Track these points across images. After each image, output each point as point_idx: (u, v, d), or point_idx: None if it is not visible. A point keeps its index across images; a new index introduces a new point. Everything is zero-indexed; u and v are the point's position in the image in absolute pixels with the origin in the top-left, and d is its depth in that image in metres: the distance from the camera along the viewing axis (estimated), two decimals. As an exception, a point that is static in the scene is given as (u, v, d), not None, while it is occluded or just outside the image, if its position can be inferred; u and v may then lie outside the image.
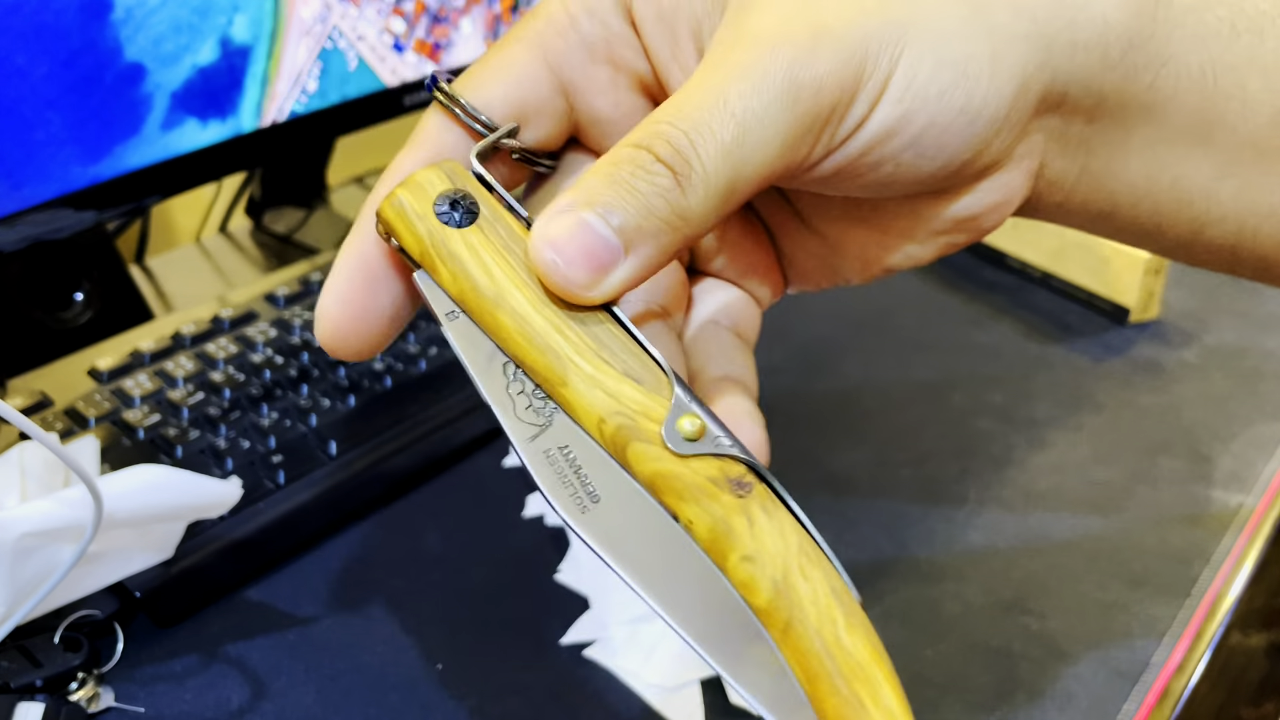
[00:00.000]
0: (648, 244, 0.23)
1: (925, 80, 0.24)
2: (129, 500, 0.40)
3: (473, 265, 0.24)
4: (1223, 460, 0.54)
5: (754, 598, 0.23)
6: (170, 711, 0.42)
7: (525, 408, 0.24)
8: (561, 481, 0.24)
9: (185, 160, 0.57)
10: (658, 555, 0.23)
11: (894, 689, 0.23)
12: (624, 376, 0.24)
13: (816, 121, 0.24)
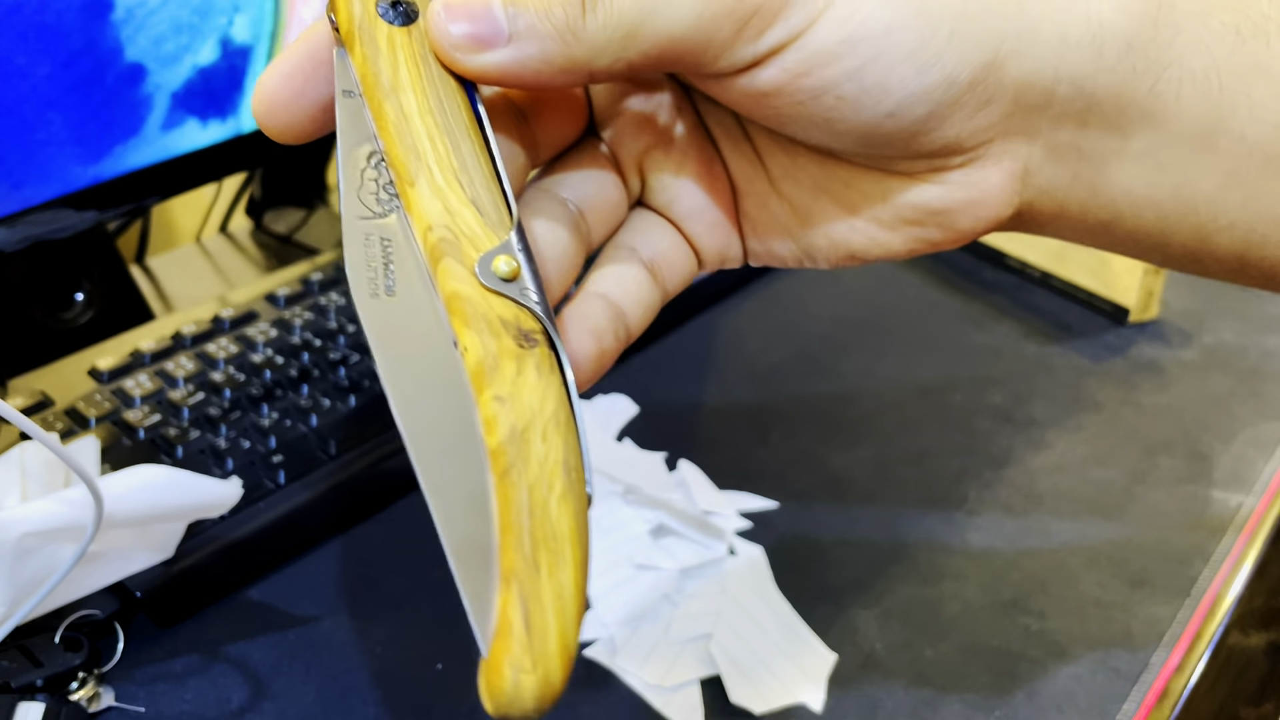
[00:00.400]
0: (531, 44, 0.24)
1: (875, 10, 0.24)
2: (129, 500, 0.40)
3: (384, 58, 0.25)
4: (1222, 460, 0.54)
5: (489, 436, 0.22)
6: (170, 711, 0.42)
7: (370, 193, 0.25)
8: (368, 264, 0.25)
9: (185, 160, 0.57)
10: (421, 365, 0.24)
11: (576, 569, 0.22)
12: (470, 202, 0.25)
13: (740, 6, 0.24)
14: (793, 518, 0.51)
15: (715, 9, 0.24)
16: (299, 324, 0.59)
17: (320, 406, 0.53)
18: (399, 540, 0.50)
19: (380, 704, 0.42)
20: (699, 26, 0.24)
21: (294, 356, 0.56)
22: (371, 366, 0.56)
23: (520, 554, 0.21)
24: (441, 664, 0.44)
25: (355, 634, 0.45)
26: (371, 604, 0.47)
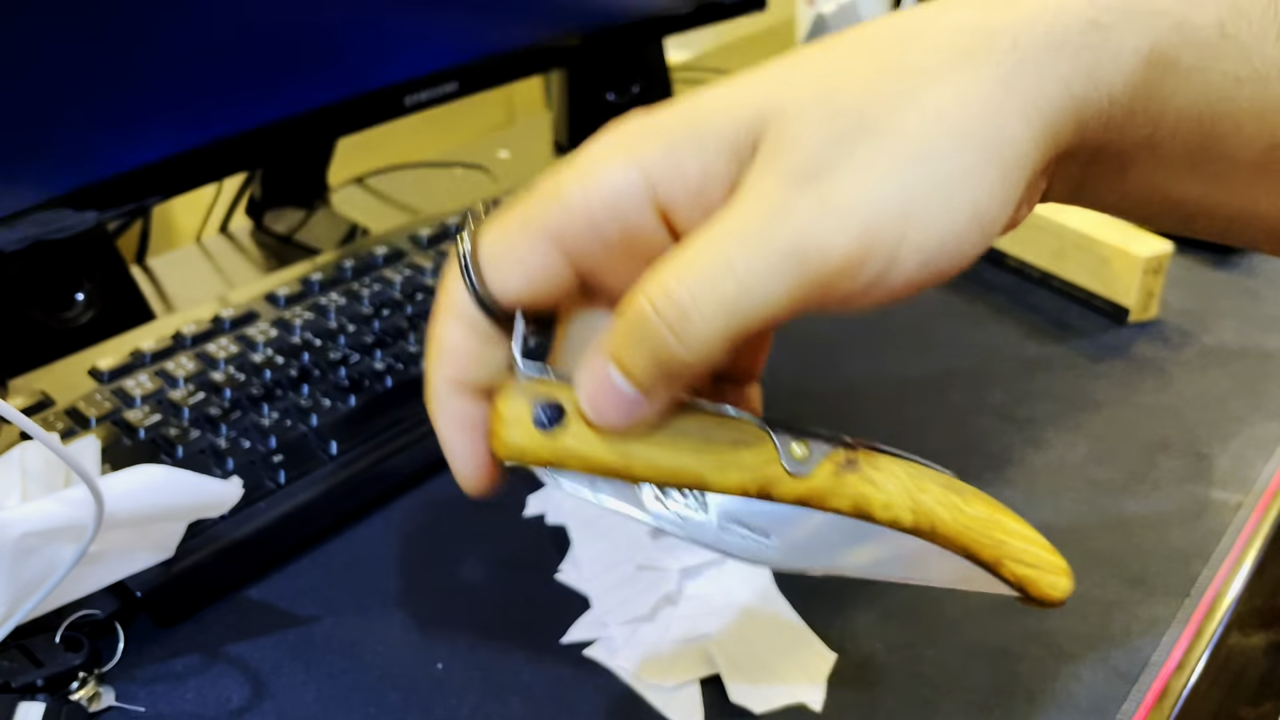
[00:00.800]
0: (660, 387, 0.27)
1: (941, 232, 0.25)
2: (130, 500, 0.40)
3: (594, 448, 0.29)
4: (1221, 460, 0.54)
5: (903, 525, 0.29)
6: (171, 711, 0.42)
7: (685, 507, 0.30)
8: (743, 541, 0.30)
9: (186, 160, 0.57)
10: (824, 540, 0.30)
11: (1015, 519, 0.30)
12: (735, 448, 0.29)
13: (822, 282, 0.25)
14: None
15: (801, 288, 0.25)
16: (299, 324, 0.59)
17: (320, 406, 0.53)
18: (399, 540, 0.50)
19: (380, 704, 0.42)
20: (792, 301, 0.25)
21: (294, 356, 0.56)
22: (372, 366, 0.56)
23: (989, 546, 0.29)
24: (441, 664, 0.44)
25: (356, 633, 0.45)
26: (372, 603, 0.47)
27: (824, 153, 0.25)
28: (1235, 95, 0.26)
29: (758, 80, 0.27)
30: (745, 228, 0.25)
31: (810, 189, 0.25)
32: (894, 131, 0.25)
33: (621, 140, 0.28)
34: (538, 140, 0.99)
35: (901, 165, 0.25)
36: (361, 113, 0.65)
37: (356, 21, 0.63)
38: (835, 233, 0.25)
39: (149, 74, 0.54)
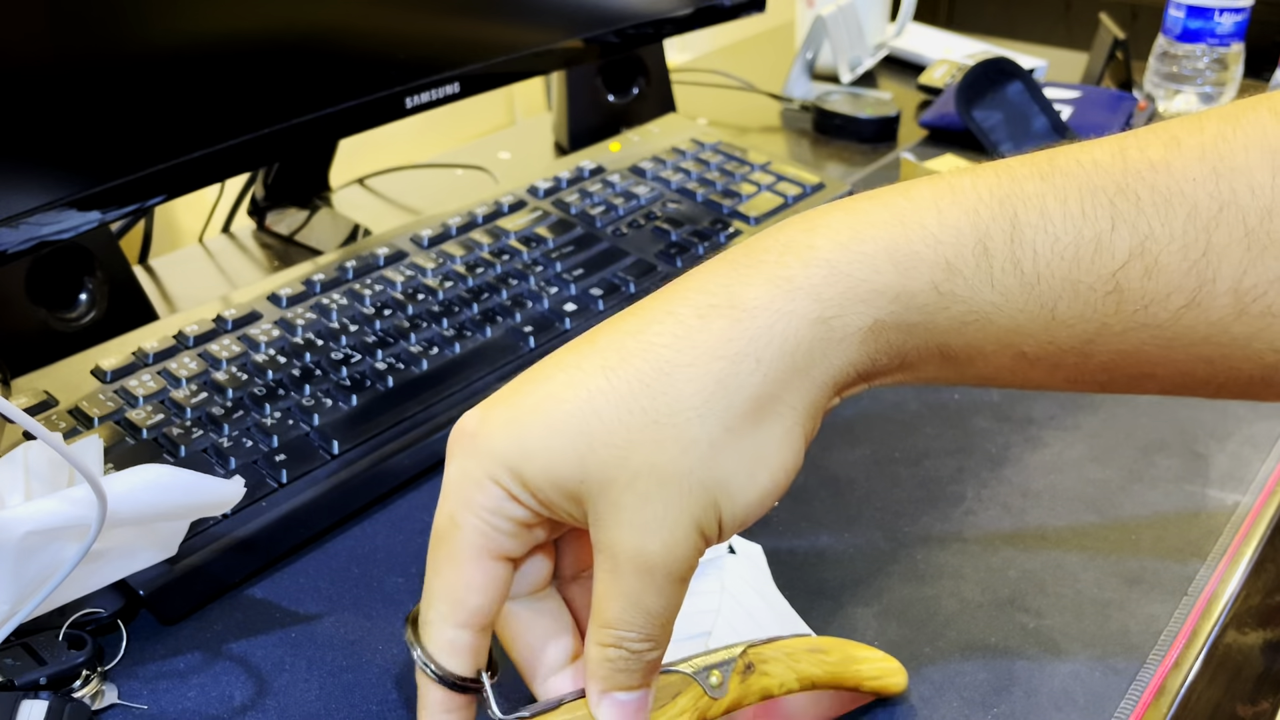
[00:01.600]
0: (645, 676, 0.34)
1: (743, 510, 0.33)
2: (133, 499, 0.40)
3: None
4: (1219, 459, 0.55)
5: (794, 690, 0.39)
6: (173, 708, 0.42)
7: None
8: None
9: (189, 161, 0.58)
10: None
11: (860, 648, 0.42)
12: (675, 699, 0.36)
13: (689, 575, 0.33)
14: (791, 516, 0.51)
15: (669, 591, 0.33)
16: (301, 324, 0.59)
17: (322, 406, 0.53)
18: (400, 538, 0.51)
19: (382, 701, 0.43)
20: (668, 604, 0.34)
21: (296, 356, 0.57)
22: (373, 365, 0.56)
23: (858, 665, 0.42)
24: (442, 661, 0.44)
25: (357, 631, 0.46)
26: (373, 601, 0.47)
27: (643, 505, 0.31)
28: (965, 330, 0.32)
29: (560, 419, 0.32)
30: (627, 578, 0.32)
31: (650, 533, 0.31)
32: (689, 470, 0.31)
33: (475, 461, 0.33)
34: (538, 141, 0.99)
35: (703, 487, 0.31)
36: (363, 114, 0.66)
37: (358, 23, 0.64)
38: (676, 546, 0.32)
39: (150, 74, 0.55)
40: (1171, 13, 1.00)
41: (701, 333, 0.31)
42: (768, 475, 0.32)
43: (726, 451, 0.31)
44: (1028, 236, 0.31)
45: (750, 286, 0.32)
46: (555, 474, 0.32)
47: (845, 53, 1.07)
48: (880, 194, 0.33)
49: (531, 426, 0.32)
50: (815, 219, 0.33)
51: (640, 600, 0.32)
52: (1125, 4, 1.85)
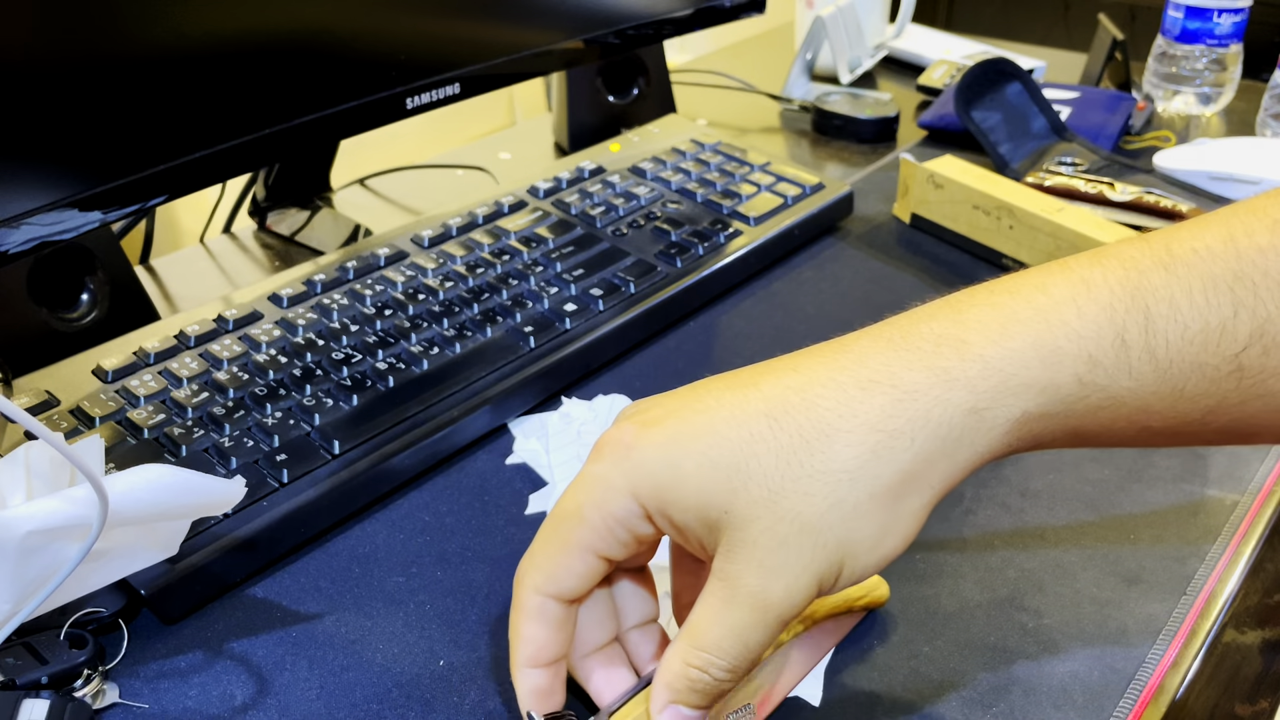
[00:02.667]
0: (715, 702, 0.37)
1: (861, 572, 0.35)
2: (134, 498, 0.40)
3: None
4: (1217, 459, 0.55)
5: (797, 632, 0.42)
6: (175, 707, 0.42)
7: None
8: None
9: (190, 161, 0.58)
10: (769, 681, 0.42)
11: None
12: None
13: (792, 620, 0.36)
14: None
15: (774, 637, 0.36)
16: (302, 324, 0.59)
17: (323, 406, 0.54)
18: (401, 538, 0.51)
19: (383, 700, 0.43)
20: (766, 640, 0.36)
21: (297, 356, 0.57)
22: (374, 365, 0.56)
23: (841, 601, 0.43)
24: (444, 660, 0.44)
25: (358, 631, 0.46)
26: (374, 601, 0.47)
27: (780, 549, 0.34)
28: (1100, 414, 0.35)
29: (722, 454, 0.34)
30: (740, 618, 0.35)
31: (778, 576, 0.34)
32: (829, 526, 0.34)
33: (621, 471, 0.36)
34: (539, 142, 0.99)
35: (837, 545, 0.34)
36: (364, 114, 0.66)
37: (359, 24, 0.64)
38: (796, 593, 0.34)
39: (152, 74, 0.55)
40: (1170, 13, 1.00)
41: (863, 404, 0.34)
42: (892, 543, 0.35)
43: (866, 517, 0.34)
44: (1160, 327, 0.34)
45: (911, 371, 0.34)
46: (703, 501, 0.34)
47: (845, 53, 1.07)
48: (1018, 287, 0.36)
49: (690, 453, 0.35)
50: (963, 310, 0.36)
51: (744, 634, 0.35)
52: (1124, 5, 1.86)
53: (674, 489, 0.35)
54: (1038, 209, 0.70)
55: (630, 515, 0.36)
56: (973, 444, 0.34)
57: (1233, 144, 0.85)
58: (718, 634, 0.35)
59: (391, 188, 0.91)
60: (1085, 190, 0.78)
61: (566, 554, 0.37)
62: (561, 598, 0.38)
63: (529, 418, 0.59)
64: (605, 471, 0.36)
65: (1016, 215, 0.71)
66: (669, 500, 0.35)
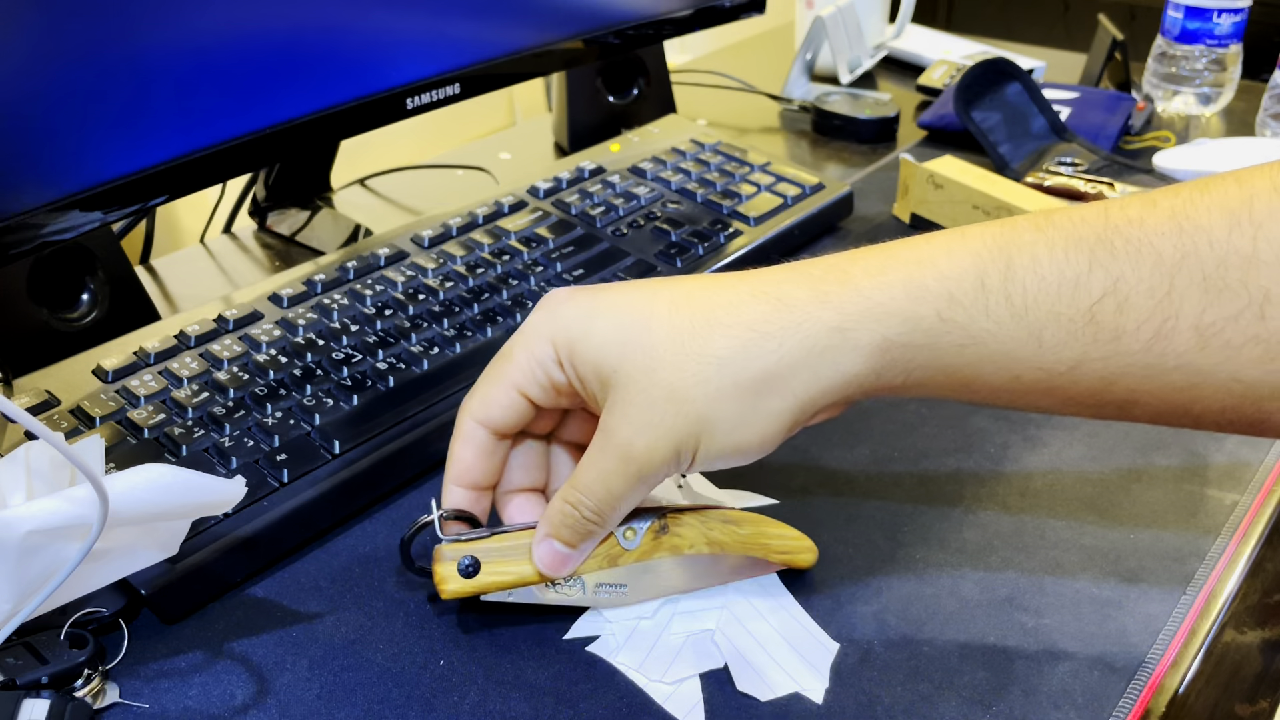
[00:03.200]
0: (585, 544, 0.43)
1: (716, 452, 0.40)
2: (134, 498, 0.40)
3: (501, 579, 0.44)
4: (1217, 458, 0.55)
5: (703, 551, 0.46)
6: (175, 707, 0.43)
7: (569, 587, 0.45)
8: (609, 596, 0.46)
9: (190, 161, 0.58)
10: (659, 577, 0.47)
11: (775, 525, 0.47)
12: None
13: (655, 482, 0.41)
14: (791, 516, 0.51)
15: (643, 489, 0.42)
16: (302, 324, 0.59)
17: (323, 406, 0.54)
18: (401, 537, 0.51)
19: (383, 700, 0.43)
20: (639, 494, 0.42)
21: (297, 356, 0.57)
22: (374, 365, 0.56)
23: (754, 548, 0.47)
24: (444, 660, 0.44)
25: (358, 630, 0.46)
26: (374, 601, 0.47)
27: (649, 409, 0.39)
28: (964, 353, 0.38)
29: (624, 321, 0.40)
30: (610, 466, 0.41)
31: (643, 432, 0.39)
32: (693, 400, 0.39)
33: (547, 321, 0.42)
34: (539, 142, 0.99)
35: (697, 418, 0.39)
36: (364, 115, 0.66)
37: (359, 24, 0.64)
38: (660, 460, 0.40)
39: (154, 76, 0.55)
40: (1170, 14, 1.00)
41: (748, 308, 0.39)
42: (747, 435, 0.39)
43: (725, 402, 0.39)
44: (1018, 276, 0.37)
45: (795, 288, 0.39)
46: (601, 357, 0.40)
47: (844, 54, 1.07)
48: (912, 239, 0.40)
49: (599, 316, 0.41)
50: (860, 253, 0.40)
51: (608, 479, 0.41)
52: (1124, 5, 1.86)
53: (582, 341, 0.41)
54: (1037, 209, 0.70)
55: (547, 358, 0.42)
56: (836, 362, 0.38)
57: (1232, 144, 0.85)
58: (590, 477, 0.41)
59: (392, 188, 0.91)
60: (1085, 190, 0.78)
61: (497, 388, 0.43)
62: (490, 427, 0.44)
63: (529, 418, 0.59)
64: (536, 321, 0.42)
65: (1016, 215, 0.71)
66: (576, 351, 0.41)
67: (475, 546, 0.44)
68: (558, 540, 0.43)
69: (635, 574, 0.46)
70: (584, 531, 0.42)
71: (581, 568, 0.45)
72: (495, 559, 0.44)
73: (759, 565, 0.48)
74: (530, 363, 0.42)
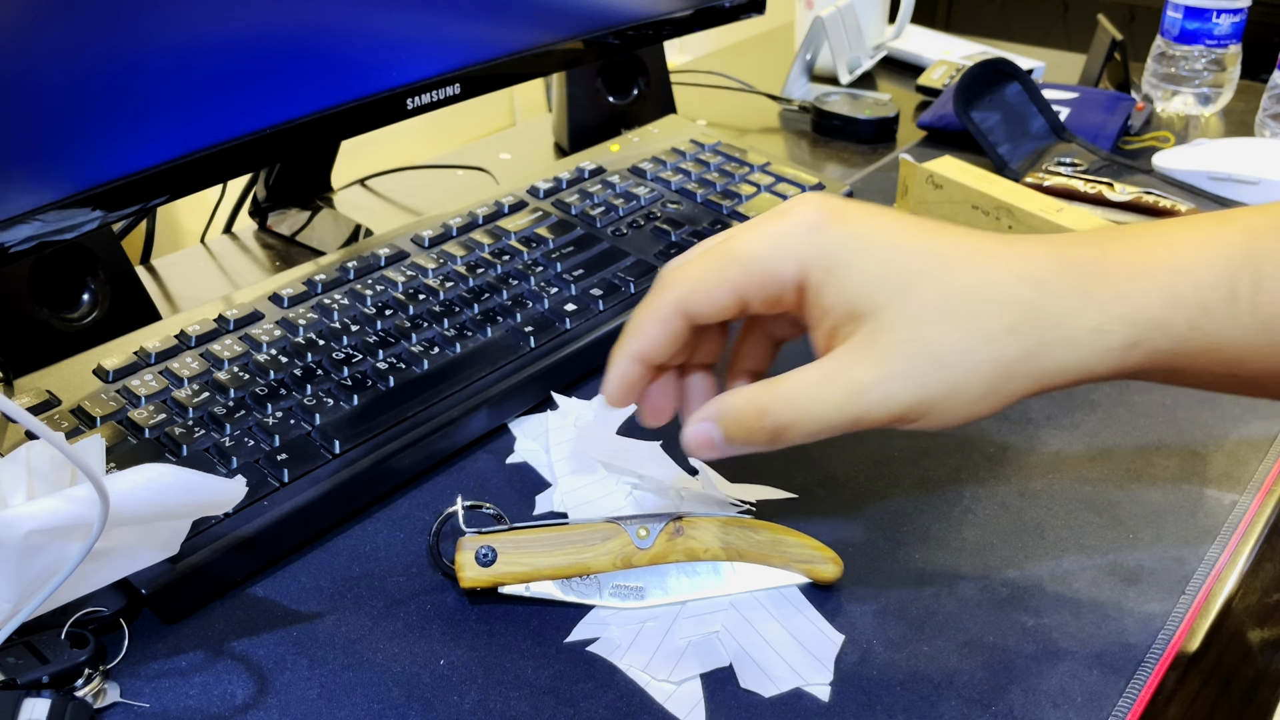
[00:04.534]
0: (736, 447, 0.41)
1: (944, 420, 0.40)
2: (135, 498, 0.40)
3: (517, 570, 0.46)
4: (1216, 459, 0.55)
5: (720, 557, 0.47)
6: (175, 706, 0.43)
7: (585, 585, 0.47)
8: (624, 596, 0.47)
9: (191, 161, 0.58)
10: (675, 581, 0.47)
11: (793, 534, 0.48)
12: (604, 542, 0.47)
13: (858, 428, 0.40)
14: (791, 515, 0.51)
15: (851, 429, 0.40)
16: (303, 324, 0.59)
17: (323, 405, 0.54)
18: (402, 537, 0.51)
19: (384, 699, 0.43)
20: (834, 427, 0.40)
21: (297, 356, 0.57)
22: (374, 365, 0.56)
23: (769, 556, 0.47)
24: (444, 660, 0.44)
25: (358, 630, 0.46)
26: (374, 600, 0.47)
27: (903, 360, 0.39)
28: (1201, 357, 0.39)
29: (896, 267, 0.39)
30: (833, 395, 0.39)
31: (885, 381, 0.39)
32: (952, 367, 0.39)
33: (802, 240, 0.40)
34: (539, 142, 0.99)
35: (950, 385, 0.39)
36: (365, 115, 0.66)
37: (360, 25, 0.64)
38: (890, 403, 0.39)
39: (154, 76, 0.55)
40: (1169, 14, 1.00)
41: (1017, 292, 0.39)
42: (978, 410, 0.40)
43: (980, 378, 0.39)
44: (1266, 286, 0.38)
45: (1062, 281, 0.39)
46: (860, 294, 0.39)
47: (844, 54, 1.07)
48: (1160, 230, 0.40)
49: (868, 254, 0.40)
50: (1112, 243, 0.40)
51: (821, 407, 0.39)
52: (1123, 5, 1.86)
53: (843, 274, 0.39)
54: (1037, 209, 0.70)
55: (787, 279, 0.40)
56: (1086, 360, 0.39)
57: (1231, 144, 0.85)
58: (800, 395, 0.40)
59: (392, 188, 0.91)
60: (1084, 190, 0.78)
61: (717, 286, 0.41)
62: (689, 317, 0.42)
63: (529, 418, 0.59)
64: (786, 233, 0.40)
65: (1015, 215, 0.71)
66: (832, 282, 0.40)
67: (495, 538, 0.46)
68: (723, 429, 0.41)
69: (651, 577, 0.47)
70: (754, 438, 0.40)
71: (595, 567, 0.46)
72: (512, 551, 0.46)
73: (779, 573, 0.47)
74: (765, 276, 0.40)
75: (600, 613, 0.46)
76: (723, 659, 0.44)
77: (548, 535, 0.46)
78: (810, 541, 0.47)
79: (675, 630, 0.46)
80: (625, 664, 0.44)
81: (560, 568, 0.46)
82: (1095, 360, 0.39)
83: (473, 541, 0.46)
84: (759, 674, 0.43)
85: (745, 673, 0.43)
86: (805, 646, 0.45)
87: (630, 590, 0.47)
